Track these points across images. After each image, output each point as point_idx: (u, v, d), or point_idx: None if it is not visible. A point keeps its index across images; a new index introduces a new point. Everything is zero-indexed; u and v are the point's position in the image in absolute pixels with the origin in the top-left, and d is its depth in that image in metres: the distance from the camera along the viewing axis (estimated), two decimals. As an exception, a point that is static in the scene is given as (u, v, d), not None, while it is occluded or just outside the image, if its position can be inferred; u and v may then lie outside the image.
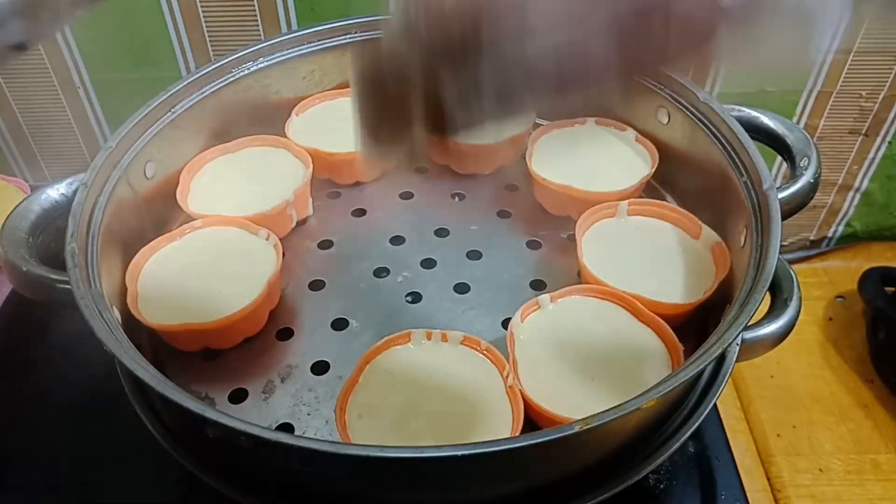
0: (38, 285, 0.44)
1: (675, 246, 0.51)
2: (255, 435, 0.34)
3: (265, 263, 0.49)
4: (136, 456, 0.51)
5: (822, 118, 0.80)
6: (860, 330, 0.81)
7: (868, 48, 0.74)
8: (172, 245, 0.51)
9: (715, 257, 0.50)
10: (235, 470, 0.41)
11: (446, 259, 0.54)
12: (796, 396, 0.75)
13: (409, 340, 0.46)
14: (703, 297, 0.47)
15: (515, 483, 0.40)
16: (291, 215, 0.55)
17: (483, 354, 0.45)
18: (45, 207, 0.48)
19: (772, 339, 0.44)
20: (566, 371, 0.44)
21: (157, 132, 0.52)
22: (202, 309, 0.46)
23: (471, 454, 0.33)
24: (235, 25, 0.70)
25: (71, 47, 0.70)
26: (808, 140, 0.51)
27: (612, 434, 0.40)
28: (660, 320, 0.45)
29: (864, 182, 0.86)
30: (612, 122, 0.59)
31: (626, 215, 0.53)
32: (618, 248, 0.51)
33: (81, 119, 0.76)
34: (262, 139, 0.58)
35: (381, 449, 0.34)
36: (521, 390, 0.42)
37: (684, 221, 0.52)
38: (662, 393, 0.36)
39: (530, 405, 0.41)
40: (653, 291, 0.47)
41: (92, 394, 0.56)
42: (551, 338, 0.46)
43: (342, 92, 0.62)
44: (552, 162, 0.56)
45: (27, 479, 0.52)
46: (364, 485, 0.40)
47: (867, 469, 0.70)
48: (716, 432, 0.54)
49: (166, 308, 0.47)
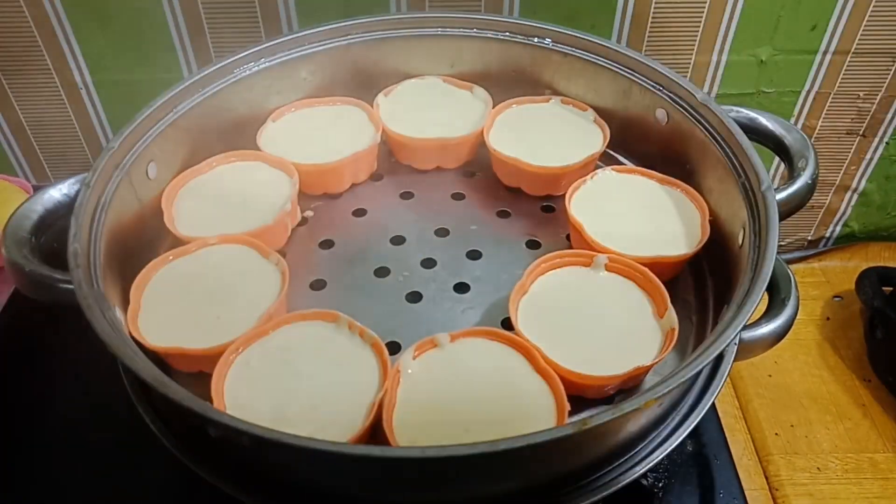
0: (40, 285, 0.44)
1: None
2: (257, 435, 0.34)
3: (269, 289, 0.48)
4: (140, 458, 0.51)
5: (820, 119, 0.80)
6: (857, 329, 0.81)
7: (866, 49, 0.74)
8: (181, 261, 0.50)
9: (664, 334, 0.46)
10: (241, 470, 0.41)
11: (446, 259, 0.54)
12: (794, 395, 0.75)
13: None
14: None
15: (513, 482, 0.40)
16: (287, 224, 0.55)
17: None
18: (47, 207, 0.47)
19: (770, 339, 0.44)
20: (443, 417, 0.42)
21: (159, 133, 0.52)
22: (199, 332, 0.45)
23: (470, 454, 0.33)
24: (237, 27, 0.70)
25: (73, 48, 0.70)
26: (805, 141, 0.51)
27: (610, 434, 0.40)
28: (553, 374, 0.43)
29: (861, 182, 0.86)
30: (573, 102, 0.61)
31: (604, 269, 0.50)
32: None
33: (84, 120, 0.76)
34: (235, 154, 0.57)
35: (382, 449, 0.34)
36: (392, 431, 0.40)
37: (652, 288, 0.49)
38: (660, 394, 0.36)
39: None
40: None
41: (96, 395, 0.56)
42: (439, 379, 0.43)
43: (320, 100, 0.62)
44: (508, 135, 0.58)
45: (30, 483, 0.52)
46: (370, 485, 0.40)
47: (865, 468, 0.70)
48: (714, 431, 0.54)
49: (163, 327, 0.46)
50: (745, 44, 0.73)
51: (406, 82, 0.63)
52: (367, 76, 0.62)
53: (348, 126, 0.60)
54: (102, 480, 0.51)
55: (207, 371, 0.43)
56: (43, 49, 0.70)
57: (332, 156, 0.57)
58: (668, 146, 0.57)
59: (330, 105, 0.62)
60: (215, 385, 0.42)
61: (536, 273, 0.49)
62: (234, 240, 0.51)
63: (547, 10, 0.70)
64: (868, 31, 0.72)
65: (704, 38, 0.73)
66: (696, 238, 0.51)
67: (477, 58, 0.63)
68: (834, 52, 0.74)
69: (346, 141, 0.58)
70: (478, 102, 0.62)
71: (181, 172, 0.55)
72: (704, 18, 0.71)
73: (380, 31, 0.61)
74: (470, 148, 0.61)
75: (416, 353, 0.45)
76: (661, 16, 0.71)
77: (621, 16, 0.71)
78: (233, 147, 0.58)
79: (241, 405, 0.42)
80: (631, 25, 0.72)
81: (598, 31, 0.71)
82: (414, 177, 0.60)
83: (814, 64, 0.75)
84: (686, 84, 0.54)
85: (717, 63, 0.75)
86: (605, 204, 0.54)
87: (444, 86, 0.63)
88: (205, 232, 0.51)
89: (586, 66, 0.59)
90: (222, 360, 0.44)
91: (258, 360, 0.44)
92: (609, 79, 0.58)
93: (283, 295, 0.47)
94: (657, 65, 0.56)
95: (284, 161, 0.56)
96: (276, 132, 0.59)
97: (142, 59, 0.71)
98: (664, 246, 0.51)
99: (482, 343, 0.45)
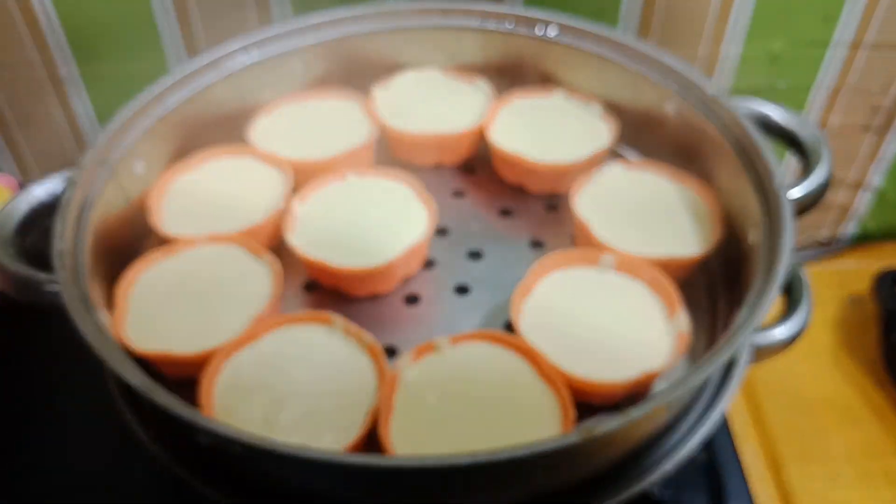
0: (25, 286, 0.43)
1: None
2: (249, 443, 0.34)
3: (261, 291, 0.47)
4: (127, 464, 0.51)
5: (834, 114, 0.79)
6: (873, 333, 0.80)
7: (880, 42, 0.73)
8: (169, 261, 0.49)
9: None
10: (229, 477, 0.40)
11: (446, 259, 0.53)
12: (807, 401, 0.75)
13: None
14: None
15: (516, 492, 0.39)
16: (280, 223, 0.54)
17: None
18: (32, 206, 0.47)
19: (783, 343, 0.43)
20: (442, 424, 0.41)
21: (147, 128, 0.52)
22: (188, 335, 0.44)
23: (470, 464, 0.33)
24: (227, 17, 0.69)
25: (59, 40, 0.70)
26: (820, 136, 0.50)
27: (617, 441, 0.39)
28: (558, 380, 0.42)
29: (876, 180, 0.85)
30: (579, 95, 0.60)
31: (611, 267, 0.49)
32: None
33: (70, 114, 0.76)
34: (226, 150, 0.56)
35: (379, 458, 0.34)
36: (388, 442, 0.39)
37: (663, 290, 0.48)
38: (669, 399, 0.36)
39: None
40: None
41: (81, 401, 0.56)
42: (439, 384, 0.43)
43: (314, 94, 0.61)
44: (511, 130, 0.57)
45: (16, 489, 0.51)
46: (366, 494, 0.39)
47: (880, 475, 0.69)
48: (724, 438, 0.54)
49: (151, 330, 0.45)
50: (757, 36, 0.72)
51: (404, 75, 0.63)
52: (364, 68, 0.62)
53: (344, 121, 0.59)
54: (90, 489, 0.51)
55: (197, 376, 0.43)
56: (29, 40, 0.69)
57: (326, 151, 0.56)
58: (677, 141, 0.56)
59: (324, 99, 0.61)
60: (205, 391, 0.42)
61: (540, 274, 0.48)
62: (224, 239, 0.50)
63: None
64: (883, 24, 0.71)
65: (716, 30, 0.72)
66: (708, 237, 0.50)
67: (478, 49, 0.62)
68: (848, 45, 0.73)
69: (341, 136, 0.58)
70: (479, 95, 0.61)
71: (169, 169, 0.55)
72: (716, 9, 0.70)
73: (376, 21, 0.60)
74: (471, 143, 0.60)
75: (415, 358, 0.44)
76: (671, 5, 0.70)
77: (629, 5, 0.70)
78: (223, 142, 0.57)
79: (231, 412, 0.41)
80: (640, 15, 0.71)
81: (605, 21, 0.70)
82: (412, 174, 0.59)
83: (827, 57, 0.74)
84: (696, 77, 0.53)
85: (729, 55, 0.74)
86: (613, 201, 0.53)
87: (444, 78, 0.63)
88: (194, 231, 0.51)
89: (592, 57, 0.58)
90: (212, 365, 0.43)
91: (249, 365, 0.44)
92: (616, 71, 0.57)
93: (276, 296, 0.46)
94: (666, 57, 0.55)
95: (277, 157, 0.56)
96: (268, 127, 0.59)
97: (129, 51, 0.71)
98: (676, 245, 0.50)
99: (483, 347, 0.45)
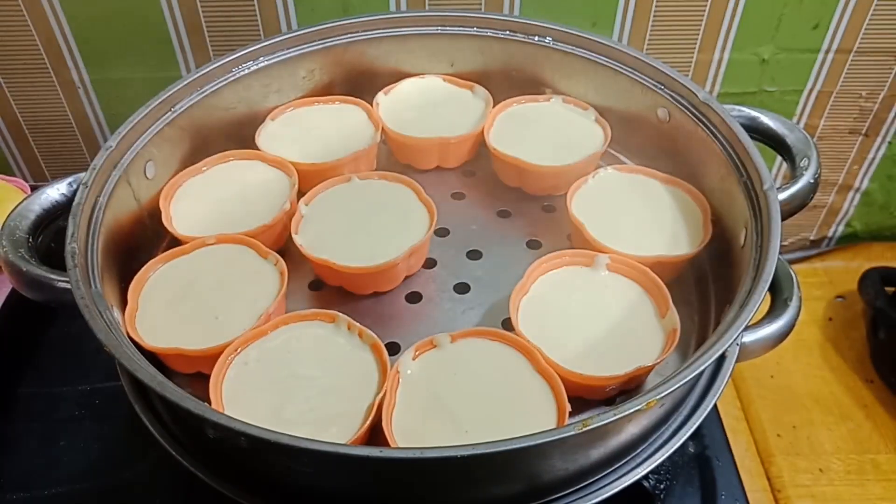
0: (38, 285, 0.44)
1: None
2: (255, 435, 0.34)
3: (268, 289, 0.48)
4: (137, 458, 0.52)
5: (822, 118, 0.80)
6: (860, 330, 0.80)
7: (868, 48, 0.74)
8: (179, 261, 0.50)
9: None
10: (238, 471, 0.41)
11: (446, 259, 0.53)
12: (796, 396, 0.75)
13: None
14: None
15: (513, 484, 0.40)
16: (286, 224, 0.54)
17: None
18: (45, 207, 0.47)
19: (772, 340, 0.44)
20: (442, 418, 0.41)
21: (157, 132, 0.52)
22: (197, 333, 0.45)
23: (469, 455, 0.33)
24: (235, 25, 0.70)
25: (71, 47, 0.70)
26: (808, 140, 0.51)
27: (611, 435, 0.40)
28: (554, 375, 0.43)
29: (864, 182, 0.86)
30: (574, 101, 0.61)
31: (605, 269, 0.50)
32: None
33: (81, 119, 0.76)
34: (234, 154, 0.57)
35: (382, 450, 0.34)
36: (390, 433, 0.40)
37: (654, 288, 0.48)
38: (662, 395, 0.36)
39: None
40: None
41: (93, 395, 0.56)
42: (438, 380, 0.43)
43: (319, 99, 0.62)
44: (509, 135, 0.58)
45: (27, 482, 0.52)
46: (369, 486, 0.40)
47: (867, 469, 0.70)
48: (716, 432, 0.54)
49: (161, 328, 0.46)
50: (747, 42, 0.73)
51: (406, 81, 0.63)
52: (367, 75, 0.62)
53: (348, 125, 0.60)
54: (101, 481, 0.51)
55: (206, 372, 0.43)
56: (40, 46, 0.70)
57: (331, 155, 0.56)
58: (669, 145, 0.56)
59: (329, 104, 0.62)
60: (213, 386, 0.42)
61: (537, 273, 0.49)
62: (232, 240, 0.51)
63: (548, 8, 0.70)
64: (870, 29, 0.72)
65: (706, 37, 0.72)
66: (698, 238, 0.51)
67: (477, 56, 0.62)
68: (836, 50, 0.74)
69: (345, 140, 0.58)
70: (478, 101, 0.62)
71: (179, 172, 0.55)
72: (706, 16, 0.71)
73: (379, 29, 0.61)
74: (470, 147, 0.60)
75: (416, 354, 0.44)
76: (663, 14, 0.71)
77: (622, 14, 0.71)
78: (231, 146, 0.57)
79: (239, 406, 0.42)
80: (632, 24, 0.72)
81: (600, 30, 0.71)
82: (414, 176, 0.60)
83: (816, 63, 0.75)
84: (688, 83, 0.54)
85: (719, 61, 0.74)
86: (607, 203, 0.54)
87: (445, 85, 0.63)
88: (203, 232, 0.51)
89: (587, 64, 0.59)
90: (220, 361, 0.43)
91: (257, 361, 0.44)
92: (610, 77, 0.58)
93: (282, 295, 0.47)
94: (659, 63, 0.55)
95: (283, 160, 0.56)
96: (274, 131, 0.59)
97: (140, 57, 0.71)
98: (666, 246, 0.51)
99: (482, 344, 0.45)
